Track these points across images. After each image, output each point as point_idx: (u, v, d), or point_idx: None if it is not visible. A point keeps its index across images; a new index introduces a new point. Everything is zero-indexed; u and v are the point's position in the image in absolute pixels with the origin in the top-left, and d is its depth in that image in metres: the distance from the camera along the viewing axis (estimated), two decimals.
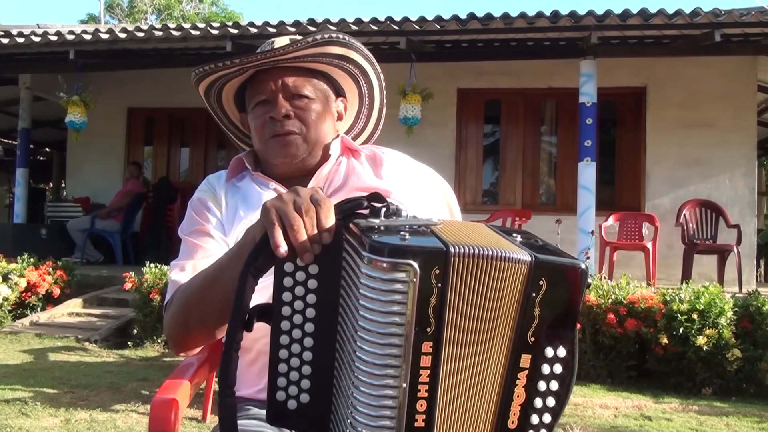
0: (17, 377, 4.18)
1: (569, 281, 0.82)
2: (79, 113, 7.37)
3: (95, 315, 6.11)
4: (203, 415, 3.34)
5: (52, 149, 13.54)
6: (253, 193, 1.29)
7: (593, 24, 6.21)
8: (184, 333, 1.15)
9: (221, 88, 1.36)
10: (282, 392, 0.87)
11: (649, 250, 6.49)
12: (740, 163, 7.56)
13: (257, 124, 1.29)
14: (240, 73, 1.30)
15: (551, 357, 0.83)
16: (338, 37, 1.26)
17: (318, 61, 1.30)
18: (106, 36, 7.05)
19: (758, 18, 6.02)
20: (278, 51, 1.24)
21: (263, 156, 1.33)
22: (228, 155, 9.28)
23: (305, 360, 0.87)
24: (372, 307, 0.77)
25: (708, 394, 4.36)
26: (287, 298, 0.87)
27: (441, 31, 6.57)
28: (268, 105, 1.28)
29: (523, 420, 0.83)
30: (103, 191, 8.88)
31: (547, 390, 0.84)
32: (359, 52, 1.31)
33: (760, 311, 4.42)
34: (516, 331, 0.82)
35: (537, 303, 0.81)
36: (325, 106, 1.32)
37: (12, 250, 6.69)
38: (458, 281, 0.79)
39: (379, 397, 0.77)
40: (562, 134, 8.21)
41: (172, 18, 22.51)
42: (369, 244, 0.77)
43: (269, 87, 1.28)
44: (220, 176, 1.37)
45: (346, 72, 1.35)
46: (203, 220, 1.28)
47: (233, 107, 1.41)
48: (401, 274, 0.76)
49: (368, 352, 0.77)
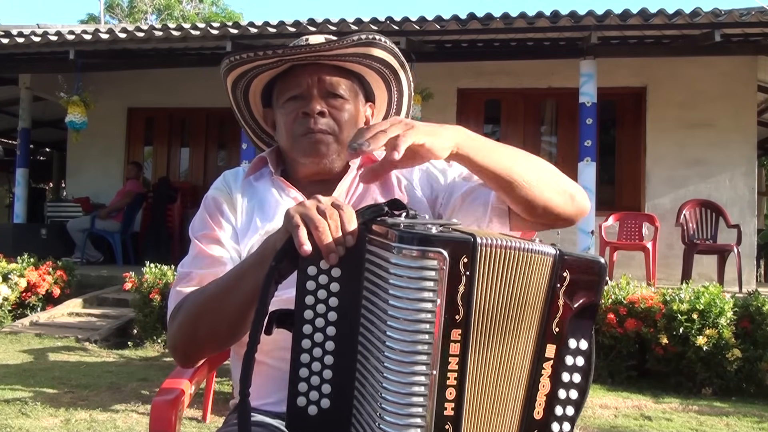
0: (17, 377, 4.18)
1: (590, 275, 0.85)
2: (79, 113, 7.37)
3: (95, 315, 6.10)
4: (203, 415, 3.34)
5: (52, 149, 13.54)
6: (270, 200, 1.25)
7: (593, 24, 6.21)
8: (192, 344, 1.11)
9: (251, 79, 1.30)
10: (303, 398, 0.87)
11: (649, 250, 6.49)
12: (740, 163, 7.56)
13: (287, 120, 1.24)
14: (276, 66, 1.25)
15: (574, 349, 0.85)
16: (381, 40, 1.22)
17: (357, 62, 1.26)
18: (106, 36, 7.05)
19: (758, 18, 6.02)
20: (321, 46, 1.19)
21: (289, 153, 1.27)
22: (228, 155, 9.29)
23: (327, 364, 0.87)
24: (402, 296, 0.78)
25: (708, 394, 4.36)
26: (310, 302, 0.87)
27: (441, 31, 6.57)
28: (301, 101, 1.23)
29: (548, 411, 0.85)
30: (103, 191, 8.88)
31: (570, 382, 0.85)
32: (397, 59, 1.27)
33: (760, 311, 4.42)
34: (541, 321, 0.84)
35: (561, 294, 0.83)
36: (357, 109, 1.28)
37: (12, 250, 6.69)
38: (486, 270, 0.80)
39: (409, 384, 0.77)
40: (562, 134, 8.21)
41: (172, 18, 22.51)
42: (398, 236, 0.79)
43: (306, 82, 1.23)
44: (238, 175, 1.32)
45: (381, 77, 1.31)
46: (216, 224, 1.23)
47: (258, 101, 1.36)
48: (431, 261, 0.77)
49: (398, 340, 0.78)
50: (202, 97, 8.65)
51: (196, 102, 8.84)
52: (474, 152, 0.98)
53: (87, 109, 7.46)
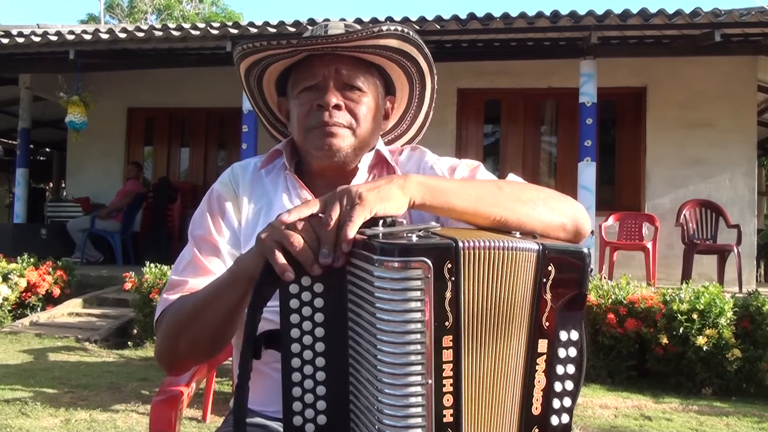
0: (17, 377, 4.18)
1: (575, 265, 0.84)
2: (79, 113, 7.37)
3: (95, 315, 6.11)
4: (203, 415, 3.34)
5: (52, 149, 13.55)
6: (278, 205, 1.19)
7: (593, 24, 6.21)
8: (175, 356, 1.10)
9: (265, 68, 1.24)
10: (299, 417, 0.86)
11: (649, 250, 6.50)
12: (740, 163, 7.56)
13: (301, 112, 1.18)
14: (292, 55, 1.19)
15: (566, 341, 0.85)
16: (404, 31, 1.16)
17: (378, 54, 1.19)
18: (106, 36, 7.05)
19: (758, 18, 6.03)
20: (339, 38, 1.13)
21: (302, 146, 1.22)
22: (228, 155, 9.30)
23: (319, 380, 0.86)
24: (388, 308, 0.77)
25: (708, 394, 4.36)
26: (295, 320, 0.86)
27: (441, 31, 6.57)
28: (316, 92, 1.17)
29: (546, 405, 0.85)
30: (103, 191, 8.88)
31: (564, 374, 0.86)
32: (420, 51, 1.21)
33: (760, 311, 4.42)
34: (531, 318, 0.83)
35: (548, 288, 0.83)
36: (377, 103, 1.22)
37: (12, 250, 6.69)
38: (471, 273, 0.79)
39: (405, 396, 0.77)
40: (562, 134, 8.21)
41: (172, 18, 22.52)
42: (379, 248, 0.78)
43: (322, 73, 1.17)
44: (248, 168, 1.26)
45: (403, 69, 1.25)
46: (216, 229, 1.18)
47: (273, 89, 1.30)
48: (415, 271, 0.76)
49: (389, 353, 0.77)
50: (202, 97, 8.66)
51: (196, 102, 8.84)
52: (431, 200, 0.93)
53: (87, 109, 7.46)
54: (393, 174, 1.19)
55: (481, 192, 0.97)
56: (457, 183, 1.00)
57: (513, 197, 0.98)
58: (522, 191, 1.00)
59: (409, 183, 0.92)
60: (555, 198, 1.02)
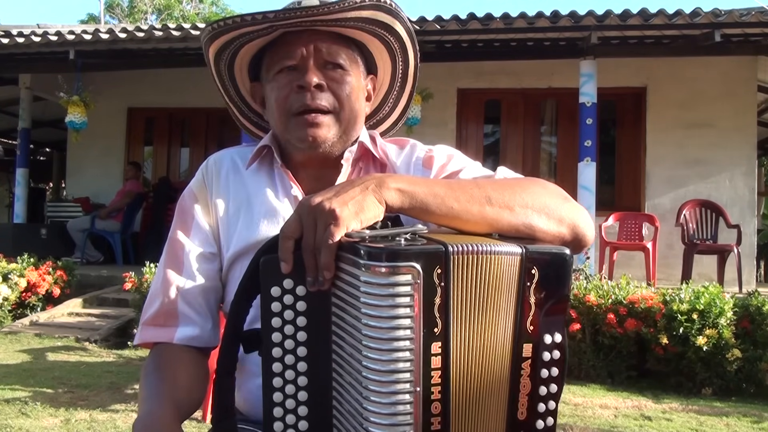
0: (17, 377, 4.18)
1: (557, 268, 0.83)
2: (79, 113, 7.37)
3: (95, 315, 6.11)
4: (203, 415, 3.34)
5: (52, 149, 13.54)
6: (258, 201, 1.13)
7: (593, 24, 6.21)
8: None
9: (237, 50, 1.16)
10: (279, 423, 0.85)
11: (649, 250, 6.50)
12: (740, 163, 7.56)
13: (280, 95, 1.09)
14: (266, 33, 1.10)
15: (549, 344, 0.84)
16: (387, 2, 1.07)
17: (359, 28, 1.11)
18: (106, 36, 7.06)
19: (758, 18, 6.03)
20: (317, 10, 1.04)
21: (282, 135, 1.13)
22: None
23: (300, 385, 0.85)
24: (375, 314, 0.75)
25: (708, 394, 4.36)
26: (277, 324, 0.84)
27: (441, 31, 6.57)
28: (295, 72, 1.09)
29: (531, 409, 0.84)
30: (103, 191, 8.88)
31: (549, 377, 0.84)
32: (404, 25, 1.13)
33: (760, 311, 4.42)
34: (516, 322, 0.82)
35: (532, 291, 0.82)
36: (359, 82, 1.13)
37: (12, 250, 6.69)
38: (459, 279, 0.78)
39: (392, 404, 0.76)
40: (562, 134, 8.21)
41: (172, 18, 22.52)
42: (366, 252, 0.76)
43: (300, 51, 1.08)
44: (222, 162, 1.21)
45: (385, 45, 1.17)
46: (185, 232, 1.14)
47: (245, 74, 1.21)
48: (404, 277, 0.74)
49: (376, 360, 0.76)
50: (202, 97, 8.61)
51: (196, 102, 8.83)
52: (409, 208, 0.88)
53: (87, 109, 7.46)
54: (378, 165, 1.16)
55: (466, 205, 0.89)
56: (442, 189, 0.90)
57: (503, 204, 0.90)
58: (514, 196, 0.91)
59: (385, 190, 0.86)
60: (552, 202, 0.94)
